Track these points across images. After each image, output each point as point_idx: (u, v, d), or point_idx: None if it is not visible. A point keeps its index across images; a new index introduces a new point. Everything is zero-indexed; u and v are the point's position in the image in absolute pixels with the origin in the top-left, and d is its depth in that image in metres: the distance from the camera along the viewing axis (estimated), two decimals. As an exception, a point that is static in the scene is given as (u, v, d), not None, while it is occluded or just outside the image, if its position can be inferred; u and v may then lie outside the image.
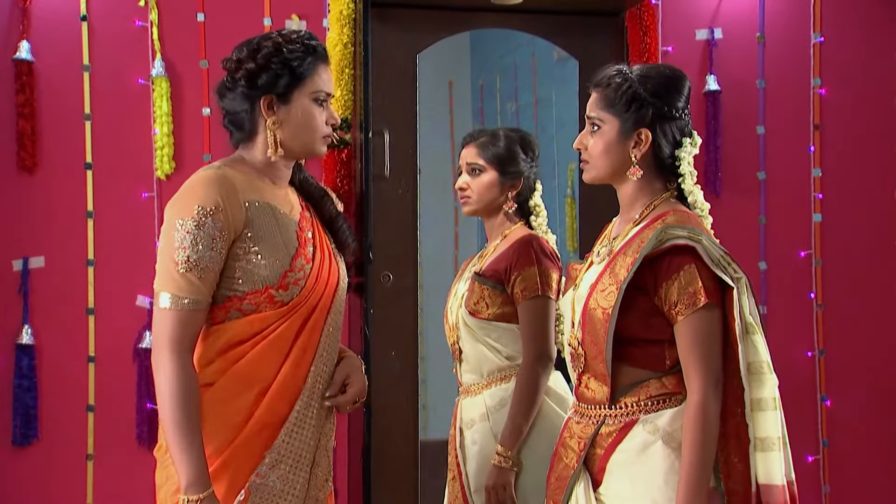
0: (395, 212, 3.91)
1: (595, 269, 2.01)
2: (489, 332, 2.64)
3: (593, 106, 2.00)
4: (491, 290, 2.63)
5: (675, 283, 1.86)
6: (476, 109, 5.34)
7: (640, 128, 1.96)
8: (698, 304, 1.85)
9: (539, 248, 2.62)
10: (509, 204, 2.71)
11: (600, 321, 1.91)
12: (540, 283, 2.58)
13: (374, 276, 3.83)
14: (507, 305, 2.62)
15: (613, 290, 1.89)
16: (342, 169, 3.78)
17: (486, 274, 2.65)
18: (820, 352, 4.17)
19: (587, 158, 2.01)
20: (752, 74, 4.18)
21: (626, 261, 1.91)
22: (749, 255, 4.14)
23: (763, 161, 4.18)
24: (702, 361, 1.85)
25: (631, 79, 1.97)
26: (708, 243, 1.88)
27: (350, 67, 3.77)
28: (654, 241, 1.88)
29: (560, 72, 4.61)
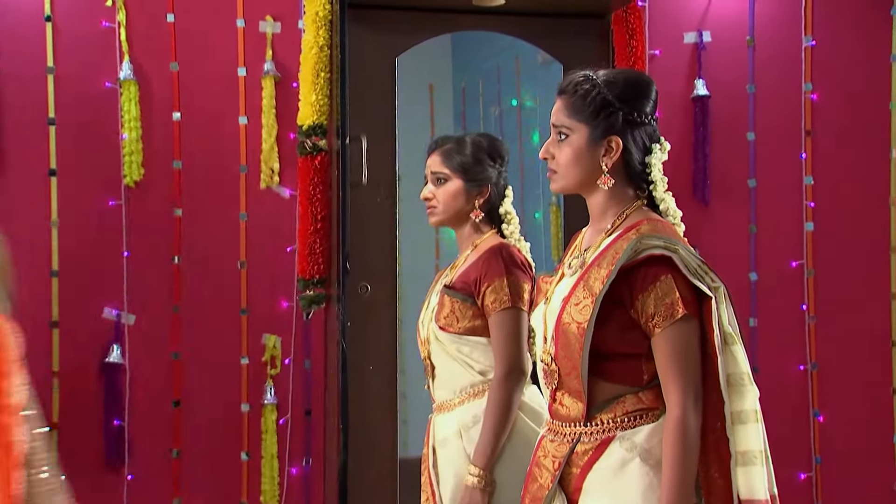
0: (373, 220, 3.92)
1: (567, 281, 2.00)
2: (461, 347, 2.64)
3: (559, 113, 2.00)
4: (461, 303, 2.63)
5: (652, 294, 1.87)
6: (458, 114, 5.35)
7: (610, 135, 1.96)
8: (676, 315, 1.85)
9: (509, 258, 2.62)
10: (476, 213, 2.71)
11: (575, 336, 1.90)
12: (510, 295, 2.57)
13: (352, 287, 3.83)
14: (478, 318, 2.62)
15: (588, 304, 1.89)
16: (317, 176, 3.78)
17: (456, 286, 2.65)
18: (812, 365, 4.18)
19: (555, 168, 2.00)
20: (742, 79, 4.21)
21: (601, 273, 1.91)
22: (739, 265, 4.17)
23: (753, 168, 4.21)
24: (680, 375, 1.86)
25: (599, 84, 1.97)
26: (684, 253, 1.89)
27: (326, 71, 3.78)
28: (630, 252, 1.88)
29: (544, 75, 4.62)
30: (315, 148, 3.78)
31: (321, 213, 3.79)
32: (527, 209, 4.88)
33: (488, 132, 2.92)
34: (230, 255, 3.89)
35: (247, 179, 3.90)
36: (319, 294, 3.79)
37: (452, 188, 2.72)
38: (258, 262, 3.90)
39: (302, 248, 3.81)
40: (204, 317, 3.86)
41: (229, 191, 3.89)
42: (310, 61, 3.76)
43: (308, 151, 3.78)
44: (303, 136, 3.78)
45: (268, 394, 3.87)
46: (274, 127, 3.87)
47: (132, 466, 3.77)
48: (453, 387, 2.67)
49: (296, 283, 3.87)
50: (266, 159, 3.88)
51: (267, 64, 3.89)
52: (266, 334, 3.89)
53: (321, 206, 3.78)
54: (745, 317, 4.14)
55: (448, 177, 2.72)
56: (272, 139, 3.87)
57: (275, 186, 3.90)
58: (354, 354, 3.80)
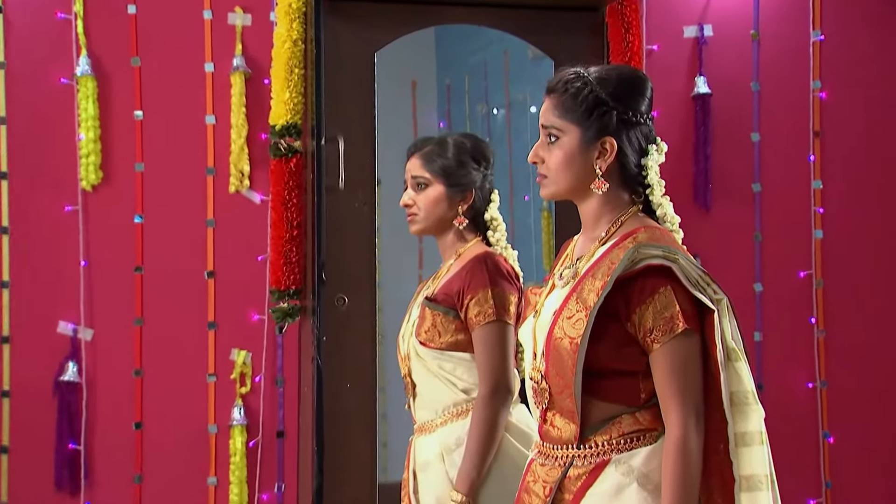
0: (351, 227, 3.91)
1: (558, 293, 2.00)
2: (443, 364, 2.64)
3: (549, 114, 1.99)
4: (443, 317, 2.64)
5: (650, 307, 1.87)
6: (442, 113, 5.35)
7: (603, 136, 1.96)
8: (676, 329, 1.86)
9: (494, 268, 2.62)
10: (460, 219, 2.72)
11: (567, 352, 1.90)
12: (495, 307, 2.58)
13: (328, 298, 3.83)
14: (461, 333, 2.63)
15: (582, 318, 1.89)
16: (291, 180, 3.78)
17: (438, 298, 2.66)
18: (822, 383, 4.20)
19: (545, 172, 2.00)
20: (746, 76, 4.23)
21: (595, 284, 1.91)
22: (743, 275, 4.18)
23: (758, 171, 4.23)
24: (680, 393, 1.86)
25: (590, 82, 1.97)
26: (685, 262, 1.89)
27: (300, 67, 3.77)
28: (626, 262, 1.88)
29: (536, 71, 4.62)
30: (288, 149, 3.78)
31: (295, 219, 3.78)
32: (516, 215, 4.89)
33: (474, 132, 2.94)
34: (196, 265, 3.88)
35: (214, 183, 3.89)
36: (293, 306, 3.79)
37: (434, 194, 2.72)
38: (227, 271, 3.89)
39: (274, 257, 3.80)
40: (168, 331, 3.85)
41: (195, 195, 3.88)
42: (283, 56, 3.76)
43: (281, 153, 3.78)
44: (275, 136, 3.78)
45: (237, 414, 3.86)
46: (244, 127, 3.87)
47: (90, 493, 3.75)
48: (435, 406, 2.67)
49: (268, 295, 3.86)
50: (235, 161, 3.87)
51: (236, 59, 3.88)
52: (235, 350, 3.88)
53: (295, 212, 3.78)
54: (750, 331, 4.15)
55: (429, 181, 2.73)
56: (242, 140, 3.87)
57: (245, 191, 3.90)
58: (331, 371, 3.80)
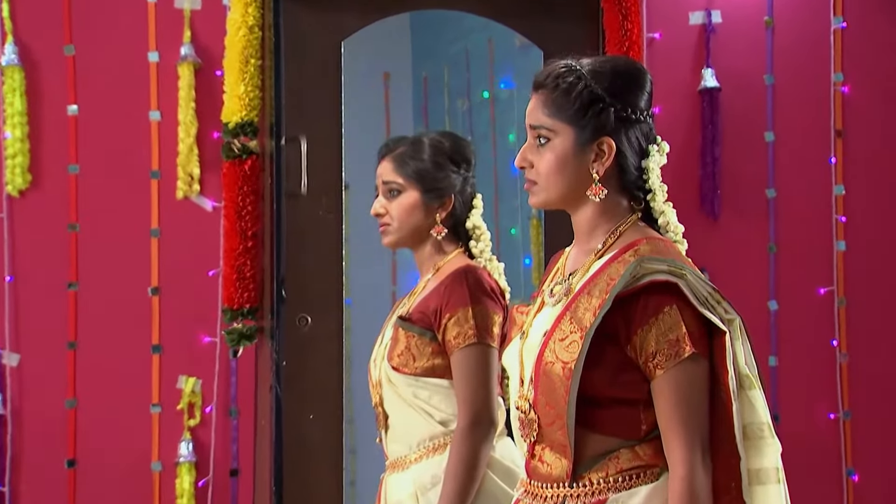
0: (315, 237, 3.91)
1: (549, 312, 2.00)
2: (418, 391, 2.64)
3: (538, 113, 1.99)
4: (418, 338, 2.64)
5: (654, 328, 1.87)
6: (418, 108, 5.35)
7: (601, 136, 1.96)
8: (682, 354, 1.86)
9: (475, 283, 2.63)
10: (438, 229, 2.72)
11: (560, 378, 1.90)
12: (476, 328, 2.59)
13: (288, 318, 3.83)
14: (438, 356, 2.64)
15: (577, 339, 1.89)
16: (247, 184, 3.78)
17: (413, 318, 2.66)
18: (845, 414, 4.19)
19: (534, 178, 2.00)
20: (759, 68, 4.23)
21: (592, 302, 1.91)
22: (756, 292, 4.19)
23: (772, 175, 4.23)
24: (686, 425, 1.86)
25: (585, 76, 1.97)
26: (692, 278, 1.89)
27: (257, 57, 3.77)
28: (628, 278, 1.88)
29: (523, 62, 4.62)
30: (244, 150, 3.78)
31: (251, 228, 3.78)
32: (502, 224, 4.90)
33: (453, 131, 2.94)
34: (139, 280, 3.86)
35: (160, 188, 3.88)
36: (249, 327, 3.79)
37: (407, 201, 2.73)
38: (174, 288, 3.88)
39: (228, 272, 3.81)
40: (106, 356, 3.83)
41: (138, 202, 3.87)
42: (237, 45, 3.76)
43: (235, 154, 3.78)
44: (229, 135, 3.78)
45: (185, 449, 3.84)
46: (193, 124, 3.86)
47: (16, 540, 3.75)
48: (409, 440, 2.67)
49: (220, 315, 3.86)
50: (184, 163, 3.86)
51: (184, 48, 3.87)
52: (183, 376, 3.87)
53: (251, 221, 3.78)
54: (765, 355, 4.14)
55: (402, 187, 2.73)
56: (191, 139, 3.85)
57: (194, 197, 3.89)
58: (291, 401, 3.79)
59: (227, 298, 3.80)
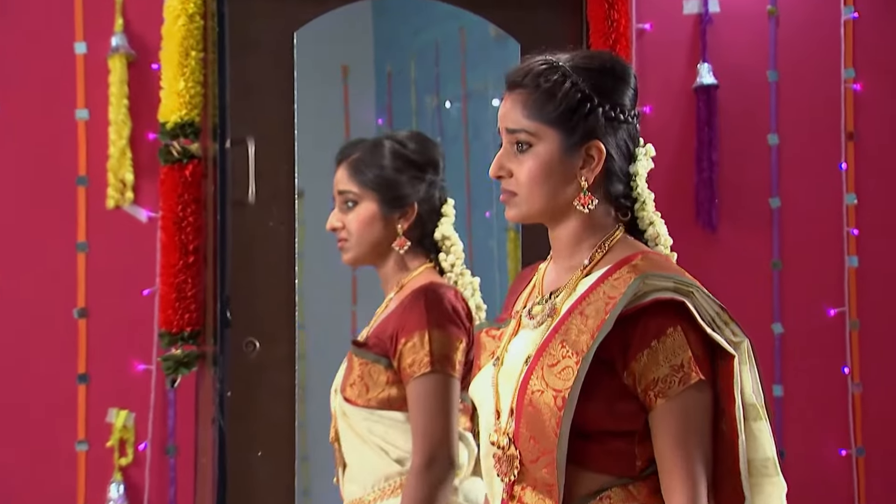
0: (265, 252, 3.91)
1: (530, 335, 2.01)
2: (373, 426, 2.66)
3: (516, 115, 2.00)
4: (372, 366, 2.66)
5: (656, 352, 1.89)
6: (382, 107, 5.37)
7: (590, 140, 1.98)
8: (688, 381, 1.88)
9: (434, 303, 2.63)
10: (400, 242, 2.73)
11: (550, 409, 1.90)
12: (431, 355, 2.60)
13: (234, 343, 3.82)
14: (394, 387, 2.65)
15: (571, 365, 1.89)
16: (187, 192, 3.77)
17: (370, 343, 2.68)
18: (858, 450, 4.21)
19: (514, 189, 2.00)
20: (761, 63, 4.24)
21: (588, 324, 1.92)
22: (758, 313, 4.19)
23: (776, 183, 4.23)
24: (688, 461, 1.88)
25: (570, 73, 1.98)
26: (700, 297, 1.92)
27: (199, 49, 3.77)
28: (630, 296, 1.90)
29: (499, 54, 4.65)
30: (184, 154, 3.77)
31: (192, 242, 3.77)
32: (475, 236, 4.90)
33: (420, 131, 2.98)
34: (64, 301, 3.85)
35: (88, 196, 3.87)
36: (189, 353, 3.78)
37: (364, 213, 2.74)
38: (103, 309, 3.87)
39: (165, 291, 3.79)
40: (25, 386, 3.83)
41: (63, 212, 3.86)
42: (176, 35, 3.75)
43: (174, 158, 3.77)
44: (167, 137, 3.78)
45: (115, 492, 3.83)
46: (126, 124, 3.85)
47: None
48: (365, 480, 2.68)
49: (156, 339, 3.84)
50: (115, 169, 3.85)
51: (116, 38, 3.86)
52: (113, 409, 3.85)
53: (192, 234, 3.77)
54: (768, 383, 4.02)
55: (358, 197, 2.75)
56: (124, 141, 3.85)
57: (127, 206, 3.88)
58: (237, 436, 3.77)
59: (165, 321, 3.79)
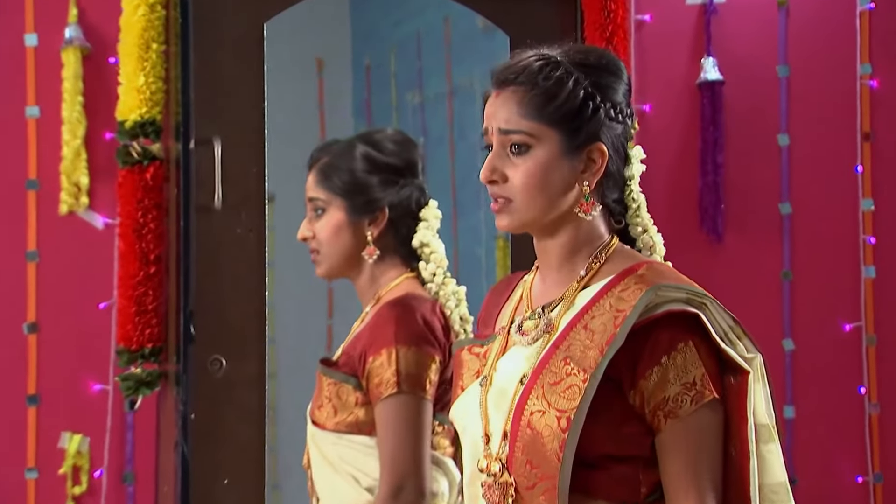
0: (233, 261, 3.90)
1: (523, 352, 2.02)
2: (343, 452, 2.68)
3: (510, 115, 2.00)
4: (341, 387, 2.68)
5: (667, 369, 1.91)
6: (360, 104, 5.37)
7: (593, 142, 2.00)
8: (701, 399, 1.90)
9: (405, 316, 2.66)
10: (370, 251, 2.75)
11: (552, 432, 1.90)
12: (398, 374, 2.62)
13: (198, 361, 3.81)
14: (363, 409, 2.68)
15: (577, 383, 1.90)
16: (147, 197, 3.75)
17: (340, 361, 2.71)
18: (875, 477, 4.20)
19: (508, 195, 2.00)
20: (771, 57, 4.24)
21: (595, 339, 1.93)
22: (768, 328, 4.20)
23: (786, 187, 4.23)
24: (698, 488, 1.90)
25: (571, 69, 2.00)
26: (714, 309, 1.95)
27: (160, 41, 3.76)
28: (642, 308, 1.91)
29: (488, 47, 4.66)
30: (144, 155, 3.75)
31: (153, 251, 3.76)
32: (461, 244, 4.89)
33: (399, 129, 3.00)
34: (12, 315, 3.86)
35: (39, 201, 3.88)
36: (150, 372, 3.76)
37: (332, 221, 2.77)
38: (56, 324, 3.88)
39: (124, 304, 3.78)
40: (-29, 408, 3.82)
41: (12, 218, 3.88)
42: (136, 26, 3.74)
43: (134, 160, 3.76)
44: (126, 136, 3.77)
45: (69, 523, 3.80)
46: (81, 123, 3.85)
47: None
48: None
49: (113, 357, 3.83)
50: (69, 171, 3.85)
51: (70, 29, 3.86)
52: (66, 433, 3.84)
53: (153, 242, 3.76)
54: (779, 404, 4.04)
55: (326, 204, 2.78)
56: (78, 141, 3.84)
57: (83, 212, 3.88)
58: (202, 462, 3.76)
59: (123, 337, 3.77)
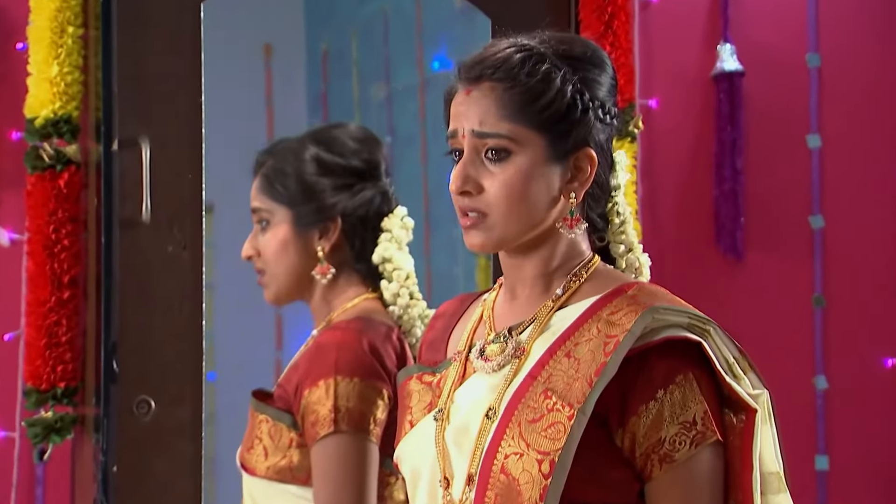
0: (163, 283, 3.87)
1: (486, 381, 2.04)
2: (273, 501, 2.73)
3: (490, 115, 2.01)
4: (274, 425, 2.73)
5: (662, 406, 1.93)
6: (315, 96, 5.37)
7: (581, 147, 2.02)
8: (701, 441, 1.92)
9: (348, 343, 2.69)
10: (321, 269, 2.79)
11: (531, 476, 1.91)
12: (335, 410, 2.65)
13: (122, 403, 3.77)
14: (298, 452, 2.72)
15: (563, 420, 1.91)
16: (61, 208, 3.76)
17: (275, 395, 2.75)
18: (923, 537, 4.24)
19: (482, 208, 2.01)
20: (799, 44, 4.27)
21: (582, 368, 1.94)
22: (796, 363, 4.22)
23: (818, 197, 4.26)
24: None
25: (556, 61, 2.01)
26: (718, 337, 1.97)
27: (78, 25, 3.76)
28: (639, 333, 1.93)
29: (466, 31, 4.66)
30: (58, 158, 3.76)
31: (69, 272, 3.77)
32: (436, 260, 4.89)
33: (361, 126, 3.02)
34: None
35: None
36: (63, 416, 3.77)
37: (278, 236, 2.82)
38: None
39: (33, 335, 3.79)
40: None
41: None
42: (48, 7, 3.74)
43: (46, 164, 3.77)
44: (36, 136, 3.78)
45: None
46: None
47: None
48: None
49: (20, 398, 3.84)
50: None
51: (-33, 11, 3.86)
52: None
53: (68, 261, 3.76)
54: (809, 452, 4.20)
55: (270, 215, 2.83)
56: None
57: None
58: None
59: (32, 374, 3.77)
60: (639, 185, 3.96)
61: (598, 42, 3.77)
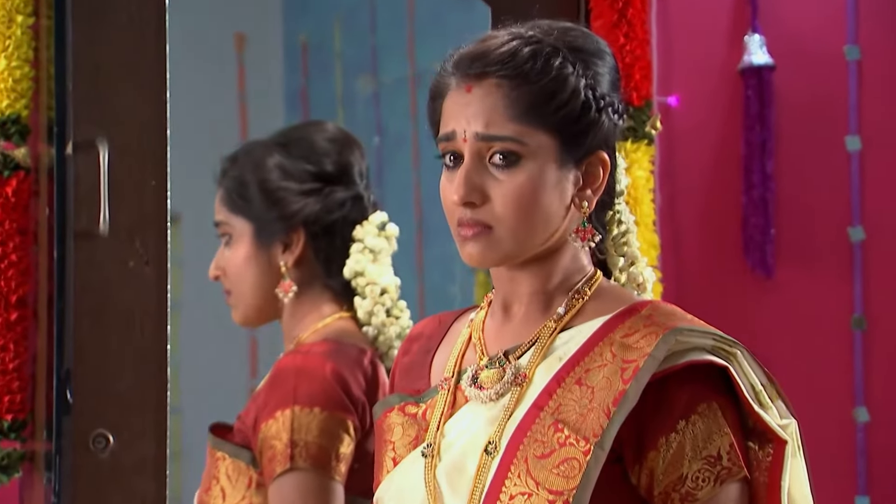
0: (123, 303, 3.87)
1: (482, 412, 2.04)
2: None
3: (497, 115, 2.01)
4: (231, 462, 2.79)
5: (683, 438, 1.94)
6: (293, 92, 5.38)
7: (595, 151, 2.04)
8: (727, 477, 1.93)
9: (309, 369, 2.72)
10: (284, 286, 2.84)
11: None
12: (291, 445, 2.67)
13: (78, 437, 3.78)
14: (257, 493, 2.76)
15: (578, 455, 1.91)
16: (9, 219, 3.74)
17: (234, 429, 2.81)
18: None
19: (487, 220, 2.01)
20: (837, 36, 4.29)
21: (597, 397, 1.94)
22: (833, 391, 4.24)
23: (858, 206, 4.28)
24: None
25: (567, 55, 2.02)
26: (746, 361, 1.99)
27: (28, 14, 3.76)
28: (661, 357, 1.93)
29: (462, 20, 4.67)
30: (5, 163, 3.77)
31: (16, 291, 3.76)
32: (429, 276, 4.90)
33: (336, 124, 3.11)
34: None
35: None
36: (9, 452, 3.76)
37: (240, 252, 2.89)
38: None
39: None
40: None
41: None
42: None
43: None
44: None
45: None
46: None
47: None
48: None
49: None
50: None
51: None
52: None
53: (16, 279, 3.76)
54: (850, 493, 4.20)
55: (232, 229, 2.91)
56: None
57: None
58: None
59: None
60: (657, 192, 3.93)
61: (612, 33, 3.79)
